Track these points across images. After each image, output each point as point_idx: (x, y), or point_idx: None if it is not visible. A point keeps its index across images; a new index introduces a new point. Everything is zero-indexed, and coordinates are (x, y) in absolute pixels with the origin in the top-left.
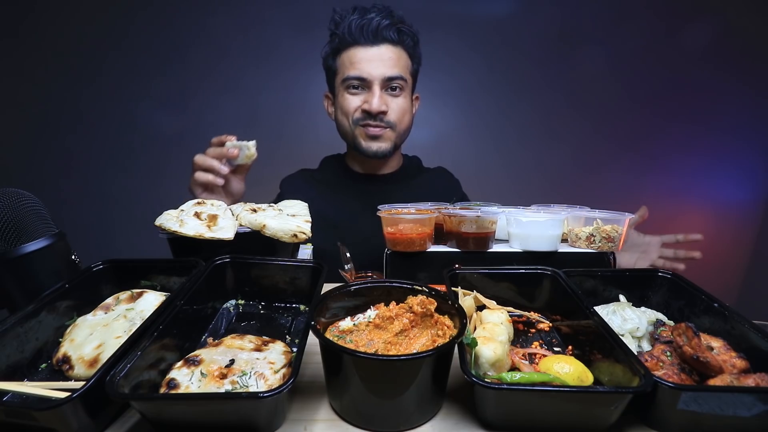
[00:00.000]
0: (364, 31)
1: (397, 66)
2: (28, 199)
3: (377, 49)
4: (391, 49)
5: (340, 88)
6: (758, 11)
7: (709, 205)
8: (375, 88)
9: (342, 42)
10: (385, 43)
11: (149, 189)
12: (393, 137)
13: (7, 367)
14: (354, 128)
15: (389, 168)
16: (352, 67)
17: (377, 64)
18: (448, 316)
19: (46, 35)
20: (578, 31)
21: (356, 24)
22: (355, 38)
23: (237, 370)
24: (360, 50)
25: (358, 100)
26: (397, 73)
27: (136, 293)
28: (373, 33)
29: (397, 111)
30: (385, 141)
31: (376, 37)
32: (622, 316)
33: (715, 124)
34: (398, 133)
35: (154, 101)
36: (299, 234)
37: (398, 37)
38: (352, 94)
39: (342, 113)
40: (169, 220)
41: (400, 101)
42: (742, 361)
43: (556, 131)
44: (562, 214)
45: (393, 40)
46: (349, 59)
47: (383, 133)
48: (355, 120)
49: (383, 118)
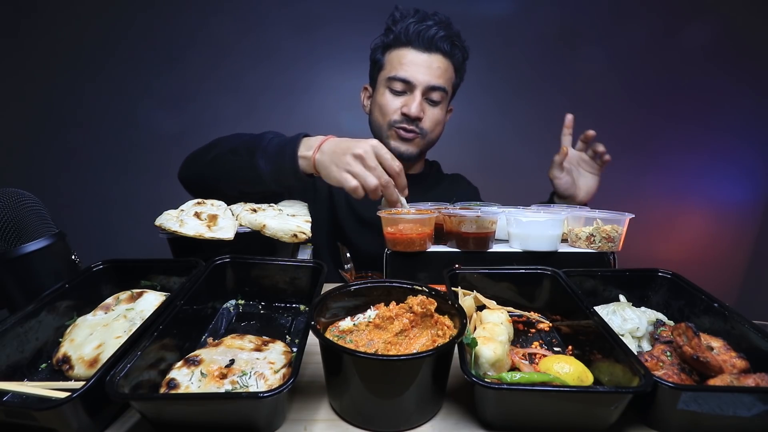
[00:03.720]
0: (421, 36)
1: (443, 77)
2: (28, 199)
3: (428, 56)
4: (441, 59)
5: (382, 84)
6: (758, 11)
7: (709, 205)
8: (417, 93)
9: (396, 40)
10: (437, 52)
11: (149, 189)
12: (422, 144)
13: (7, 367)
14: (388, 128)
15: (413, 170)
16: (401, 68)
17: (425, 70)
18: (448, 316)
19: (46, 35)
20: (578, 31)
21: (414, 28)
22: (410, 40)
23: (237, 370)
24: (412, 53)
25: (398, 102)
26: (441, 84)
27: (136, 293)
28: (429, 40)
29: (431, 120)
30: (414, 146)
31: (430, 45)
32: (622, 316)
33: (715, 124)
34: (427, 141)
35: (154, 101)
36: (299, 234)
37: (450, 49)
38: (393, 95)
39: (379, 111)
40: (169, 220)
41: (437, 112)
42: (742, 361)
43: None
44: (562, 214)
45: (445, 52)
46: (399, 59)
47: (415, 138)
48: (393, 122)
49: (418, 124)
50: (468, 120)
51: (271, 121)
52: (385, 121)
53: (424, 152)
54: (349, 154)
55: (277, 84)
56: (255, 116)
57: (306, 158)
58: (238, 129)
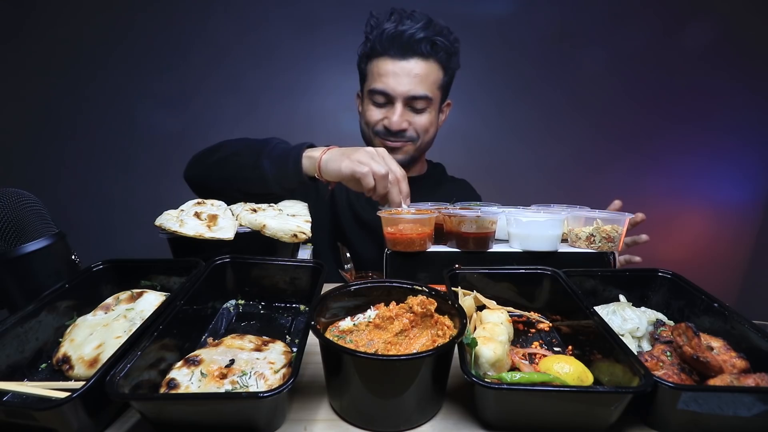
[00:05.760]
0: (395, 42)
1: (424, 83)
2: (28, 199)
3: (406, 63)
4: (421, 64)
5: (366, 96)
6: (758, 11)
7: (708, 205)
8: (397, 105)
9: (373, 50)
10: (415, 57)
11: (149, 189)
12: (412, 150)
13: (7, 367)
14: (374, 138)
15: (411, 172)
16: (379, 80)
17: (404, 80)
18: (448, 316)
19: (46, 35)
20: (578, 31)
21: (388, 34)
22: (385, 48)
23: (237, 370)
24: (388, 63)
25: (380, 113)
26: (421, 93)
27: (136, 293)
28: (405, 45)
29: (419, 128)
30: (403, 153)
31: (407, 51)
32: (622, 316)
33: (715, 125)
34: (418, 146)
35: (154, 101)
36: (299, 234)
37: (431, 50)
38: (375, 106)
39: (364, 121)
40: (169, 220)
41: (423, 118)
42: (742, 361)
43: (556, 131)
44: (562, 214)
45: (424, 54)
46: (377, 70)
47: (403, 147)
48: (376, 132)
49: (404, 134)
50: (468, 120)
51: (271, 121)
52: (370, 131)
53: (418, 156)
54: (360, 150)
55: (277, 84)
56: (255, 116)
57: (311, 158)
58: (238, 129)
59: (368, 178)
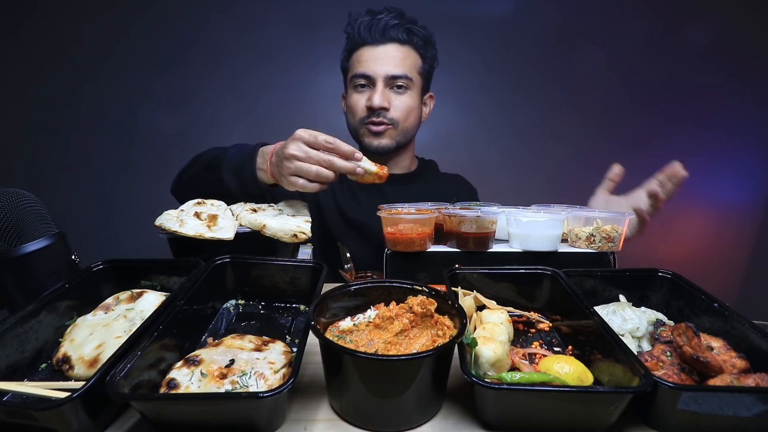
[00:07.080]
0: (372, 30)
1: (403, 65)
2: (28, 199)
3: (384, 48)
4: (398, 48)
5: (350, 87)
6: (758, 11)
7: (709, 205)
8: (379, 85)
9: (353, 43)
10: (392, 42)
11: (149, 189)
12: (395, 135)
13: (7, 367)
14: (360, 127)
15: (400, 168)
16: (360, 65)
17: (382, 61)
18: (448, 316)
19: (46, 35)
20: (578, 31)
21: (365, 24)
22: (363, 38)
23: (237, 370)
24: (368, 49)
25: (363, 98)
26: (401, 72)
27: (136, 293)
28: (381, 32)
29: (400, 109)
30: (386, 138)
31: (384, 37)
32: (622, 316)
33: (715, 124)
34: (401, 131)
35: (154, 101)
36: (299, 234)
37: (407, 36)
38: (358, 93)
39: (350, 112)
40: (169, 220)
41: (405, 99)
42: (742, 361)
43: (556, 131)
44: (562, 214)
45: (401, 40)
46: (358, 58)
47: (385, 130)
48: (361, 119)
49: (386, 115)
50: (468, 120)
51: (271, 121)
52: (356, 120)
53: (402, 144)
54: (283, 160)
55: (277, 84)
56: (255, 116)
57: (264, 171)
58: (238, 129)
59: (308, 187)
